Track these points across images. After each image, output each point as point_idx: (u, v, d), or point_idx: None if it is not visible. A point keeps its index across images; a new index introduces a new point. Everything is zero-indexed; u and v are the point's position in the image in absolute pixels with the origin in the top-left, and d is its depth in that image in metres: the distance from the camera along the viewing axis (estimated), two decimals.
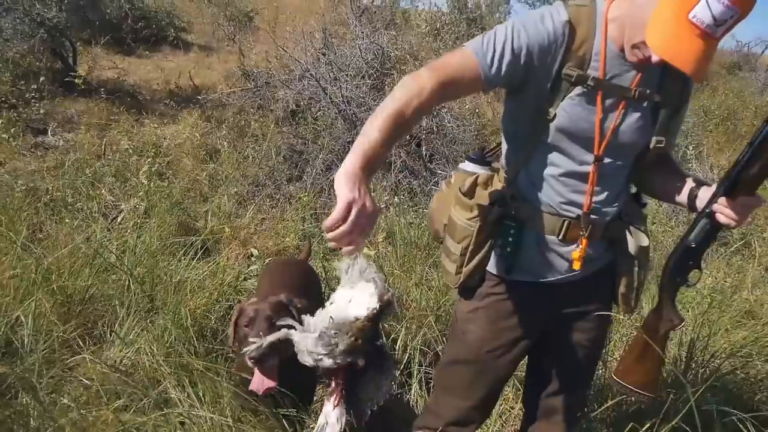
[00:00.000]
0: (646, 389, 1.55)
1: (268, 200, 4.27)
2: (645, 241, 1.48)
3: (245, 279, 3.11)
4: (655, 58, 1.18)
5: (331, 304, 1.46)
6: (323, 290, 2.64)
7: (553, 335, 1.63)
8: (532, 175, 1.44)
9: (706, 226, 1.41)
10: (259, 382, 1.73)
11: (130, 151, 4.61)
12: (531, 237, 1.47)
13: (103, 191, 3.87)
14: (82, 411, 1.90)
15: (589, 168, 1.38)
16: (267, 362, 1.69)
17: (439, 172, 4.74)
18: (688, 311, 3.24)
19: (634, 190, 1.58)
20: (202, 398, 2.08)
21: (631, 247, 1.48)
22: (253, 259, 3.37)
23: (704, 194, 1.40)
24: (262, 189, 4.42)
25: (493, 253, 1.50)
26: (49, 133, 5.15)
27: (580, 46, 1.30)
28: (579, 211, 1.42)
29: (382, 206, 3.88)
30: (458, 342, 1.66)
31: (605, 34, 1.30)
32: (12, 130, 4.72)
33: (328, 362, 1.39)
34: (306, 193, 4.21)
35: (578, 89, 1.31)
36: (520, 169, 1.45)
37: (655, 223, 4.52)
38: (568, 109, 1.33)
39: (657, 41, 1.16)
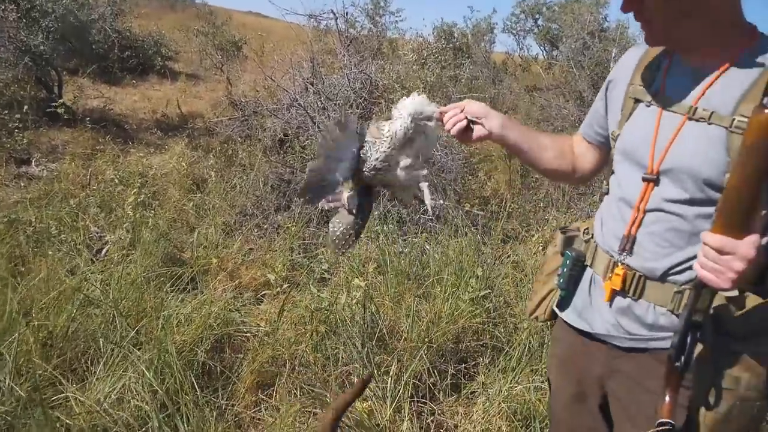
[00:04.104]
0: None
1: (255, 230, 4.23)
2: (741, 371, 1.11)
3: (231, 311, 3.05)
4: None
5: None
6: None
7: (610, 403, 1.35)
8: (601, 206, 1.39)
9: None
10: None
11: (116, 181, 4.55)
12: (587, 275, 1.36)
13: (87, 222, 3.80)
14: None
15: (639, 189, 1.22)
16: None
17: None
18: None
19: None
20: None
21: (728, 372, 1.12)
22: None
23: None
24: (249, 219, 4.38)
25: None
26: (33, 164, 5.09)
27: (650, 64, 1.28)
28: (616, 251, 1.26)
29: (372, 236, 3.84)
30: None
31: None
32: None
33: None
34: (294, 223, 4.17)
35: (641, 107, 1.27)
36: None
37: None
38: (628, 128, 1.29)
39: None
